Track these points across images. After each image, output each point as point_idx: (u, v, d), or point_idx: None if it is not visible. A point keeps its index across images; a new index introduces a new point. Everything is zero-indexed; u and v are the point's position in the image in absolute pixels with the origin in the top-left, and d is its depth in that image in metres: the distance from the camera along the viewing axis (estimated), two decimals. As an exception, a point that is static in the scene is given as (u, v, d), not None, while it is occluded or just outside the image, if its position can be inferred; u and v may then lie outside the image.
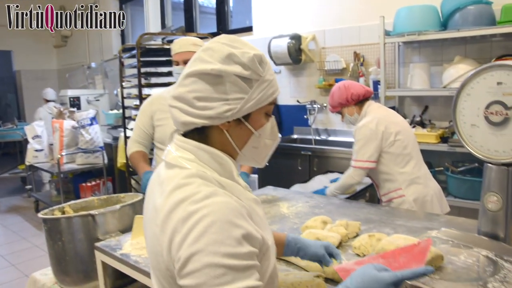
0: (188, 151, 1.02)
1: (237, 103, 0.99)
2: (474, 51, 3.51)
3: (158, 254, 0.96)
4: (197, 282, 0.86)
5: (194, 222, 0.89)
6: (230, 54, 0.99)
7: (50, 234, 2.16)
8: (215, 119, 0.99)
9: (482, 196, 1.25)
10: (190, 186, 0.95)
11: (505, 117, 1.16)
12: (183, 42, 2.50)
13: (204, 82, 0.98)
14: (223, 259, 0.86)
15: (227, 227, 0.88)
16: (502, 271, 1.08)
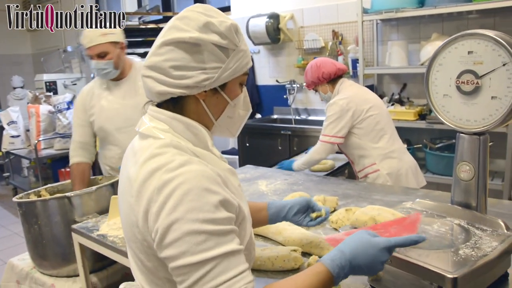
0: (162, 121, 1.00)
1: (214, 72, 0.98)
2: (451, 28, 3.53)
3: (133, 225, 0.95)
4: (180, 251, 0.86)
5: (170, 191, 0.88)
6: (208, 22, 0.97)
7: (26, 218, 2.13)
8: (192, 88, 0.98)
9: (455, 166, 1.26)
10: (164, 155, 0.94)
11: (476, 86, 1.16)
12: (91, 35, 2.35)
13: (181, 51, 0.97)
14: (202, 225, 0.86)
15: (203, 193, 0.88)
16: (473, 238, 1.10)
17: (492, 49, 1.13)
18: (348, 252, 0.96)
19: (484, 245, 1.06)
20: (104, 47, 2.34)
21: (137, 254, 1.00)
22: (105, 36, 2.34)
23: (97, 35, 2.33)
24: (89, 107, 2.51)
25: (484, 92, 1.16)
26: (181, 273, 0.87)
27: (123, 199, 1.02)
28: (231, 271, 0.87)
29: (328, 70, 2.60)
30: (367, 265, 0.96)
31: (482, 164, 1.22)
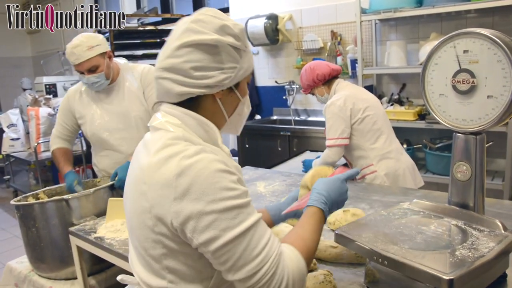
0: (175, 117, 1.05)
1: (231, 71, 1.04)
2: (450, 28, 3.52)
3: (145, 211, 0.99)
4: (220, 229, 0.92)
5: (193, 176, 0.93)
6: (224, 25, 1.04)
7: (24, 220, 2.13)
8: (213, 88, 1.03)
9: (452, 166, 1.25)
10: (177, 145, 0.99)
11: (472, 85, 1.15)
12: (77, 52, 2.25)
13: (201, 52, 1.01)
14: (232, 201, 0.94)
15: (224, 174, 0.95)
16: (470, 239, 1.09)
17: (487, 48, 1.12)
18: (325, 191, 1.16)
19: (481, 246, 1.05)
20: (94, 61, 2.28)
21: (142, 243, 1.02)
22: (92, 50, 2.27)
23: (83, 50, 2.25)
24: (78, 115, 2.50)
25: (480, 91, 1.15)
26: (225, 251, 0.93)
27: (132, 188, 1.05)
28: (266, 235, 0.97)
29: (322, 71, 2.59)
30: (338, 196, 1.18)
31: (479, 164, 1.21)
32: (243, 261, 0.94)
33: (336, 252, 1.43)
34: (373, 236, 1.14)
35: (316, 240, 1.08)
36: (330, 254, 1.43)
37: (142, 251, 1.04)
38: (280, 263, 0.96)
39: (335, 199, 1.16)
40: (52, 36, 8.03)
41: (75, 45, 2.26)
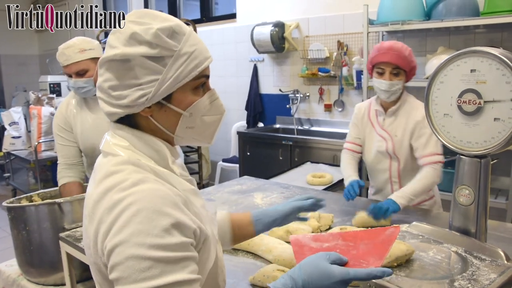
0: (123, 137, 0.94)
1: (151, 86, 0.89)
2: (458, 42, 3.48)
3: (87, 247, 0.91)
4: (121, 276, 0.79)
5: (119, 211, 0.81)
6: (133, 33, 0.88)
7: (15, 223, 2.09)
8: (132, 107, 0.91)
9: (454, 190, 1.19)
10: (120, 173, 0.87)
11: (478, 106, 1.10)
12: (68, 53, 2.17)
13: (113, 70, 0.90)
14: (148, 251, 0.78)
15: (154, 216, 0.80)
16: (471, 268, 1.04)
17: (496, 68, 1.07)
18: (301, 282, 0.90)
19: (481, 277, 1.00)
20: (83, 64, 2.19)
21: (95, 275, 0.94)
22: (84, 53, 2.18)
23: (74, 52, 2.17)
24: (70, 127, 2.38)
25: (486, 113, 1.10)
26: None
27: (84, 218, 0.95)
28: None
29: None
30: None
31: (482, 189, 1.15)
32: None
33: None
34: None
35: None
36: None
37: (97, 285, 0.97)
38: None
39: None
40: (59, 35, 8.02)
41: (67, 46, 2.19)
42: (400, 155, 2.13)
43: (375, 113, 2.22)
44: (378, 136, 2.19)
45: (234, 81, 5.18)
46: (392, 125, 2.15)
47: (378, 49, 2.07)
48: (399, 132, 2.12)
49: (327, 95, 4.38)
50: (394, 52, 2.01)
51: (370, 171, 2.32)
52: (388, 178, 2.21)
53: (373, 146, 2.21)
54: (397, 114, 2.15)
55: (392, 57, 2.01)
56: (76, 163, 2.41)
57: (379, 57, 2.04)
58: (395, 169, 2.18)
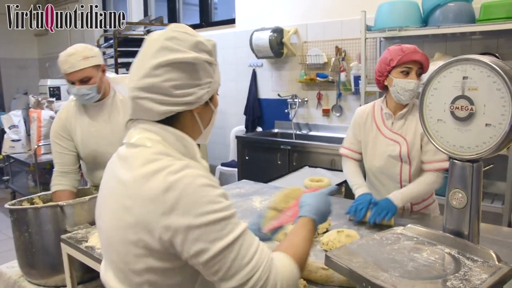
0: (154, 133, 1.06)
1: (208, 86, 1.08)
2: (455, 49, 3.52)
3: (128, 226, 0.99)
4: (209, 241, 0.94)
5: (180, 191, 0.95)
6: (198, 42, 1.06)
7: (17, 225, 2.11)
8: (193, 104, 1.07)
9: (447, 193, 1.23)
10: (161, 160, 1.00)
11: (470, 112, 1.14)
12: (72, 60, 2.17)
13: (180, 70, 1.03)
14: (219, 213, 0.96)
15: (210, 188, 0.98)
16: (463, 269, 1.07)
17: (487, 75, 1.11)
18: (313, 203, 1.23)
19: (473, 277, 1.03)
20: (87, 72, 2.20)
21: (123, 258, 1.03)
22: (87, 60, 2.20)
23: (78, 59, 2.17)
24: (69, 135, 2.38)
25: (478, 118, 1.14)
26: (215, 261, 0.95)
27: (112, 203, 1.06)
28: (254, 243, 1.00)
29: None
30: (326, 208, 1.25)
31: (475, 192, 1.19)
32: (234, 270, 0.96)
33: (327, 274, 1.40)
34: (363, 262, 1.12)
35: (307, 247, 1.13)
36: (320, 276, 1.41)
37: (121, 265, 1.04)
38: (272, 269, 0.99)
39: (323, 211, 1.23)
40: (59, 38, 8.08)
41: (70, 53, 2.19)
42: (412, 158, 2.11)
43: (382, 117, 2.18)
44: (388, 140, 2.14)
45: (233, 86, 5.22)
46: (402, 128, 2.13)
47: (402, 50, 2.04)
48: (410, 135, 2.10)
49: (325, 100, 4.42)
50: (421, 52, 2.04)
51: (375, 175, 2.25)
52: (399, 182, 2.17)
53: (382, 151, 2.16)
54: (407, 118, 2.13)
55: (422, 57, 2.04)
56: (71, 171, 2.42)
57: (409, 56, 2.01)
58: (406, 172, 2.14)
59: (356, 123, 2.25)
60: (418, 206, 2.20)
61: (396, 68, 2.04)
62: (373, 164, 2.21)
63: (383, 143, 2.16)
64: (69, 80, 2.23)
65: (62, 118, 2.39)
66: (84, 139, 2.37)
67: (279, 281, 0.99)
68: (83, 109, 2.38)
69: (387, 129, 2.15)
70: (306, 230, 1.16)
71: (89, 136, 2.37)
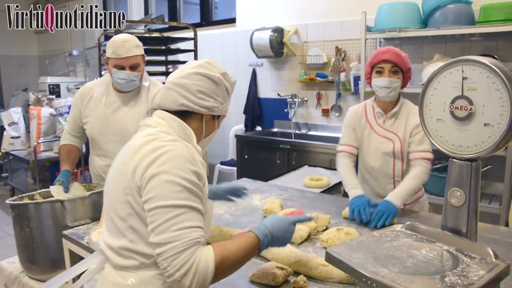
0: (163, 119, 1.31)
1: (220, 104, 1.36)
2: (454, 50, 3.54)
3: (122, 177, 1.22)
4: (159, 194, 1.13)
5: (162, 152, 1.18)
6: (225, 73, 1.37)
7: (18, 220, 2.12)
8: (207, 109, 1.33)
9: (446, 191, 1.25)
10: (159, 134, 1.25)
11: (469, 112, 1.16)
12: (127, 46, 2.29)
13: (208, 82, 1.32)
14: (181, 180, 1.15)
15: (185, 160, 1.19)
16: (461, 265, 1.09)
17: (486, 76, 1.13)
18: (270, 225, 1.30)
19: (471, 273, 1.05)
20: (137, 59, 2.34)
21: (114, 205, 1.25)
22: (139, 48, 2.34)
23: (133, 46, 2.31)
24: (84, 113, 2.50)
25: (477, 118, 1.16)
26: (154, 213, 1.13)
27: (118, 163, 1.29)
28: (193, 222, 1.14)
29: None
30: (282, 234, 1.30)
31: (473, 191, 1.21)
32: (163, 228, 1.11)
33: (326, 271, 1.42)
34: (363, 258, 1.13)
35: (239, 257, 1.19)
36: (320, 273, 1.43)
37: (112, 214, 1.26)
38: (190, 248, 1.11)
39: (277, 236, 1.29)
40: (59, 36, 8.08)
41: (125, 39, 2.31)
42: (405, 154, 2.20)
43: (374, 115, 2.26)
44: (381, 138, 2.22)
45: (233, 85, 5.23)
46: (393, 126, 2.21)
47: (377, 51, 2.19)
48: (401, 132, 2.19)
49: (325, 100, 4.44)
50: (393, 52, 2.14)
51: (368, 172, 2.32)
52: (392, 178, 2.25)
53: (376, 148, 2.24)
54: (397, 116, 2.22)
55: (392, 56, 2.13)
56: (79, 133, 2.59)
57: (379, 56, 2.15)
58: (399, 168, 2.23)
59: (351, 121, 2.31)
60: (410, 199, 2.25)
61: (373, 69, 2.19)
62: (367, 161, 2.29)
63: (377, 140, 2.24)
64: (118, 64, 2.32)
65: (85, 93, 2.53)
66: (86, 119, 2.50)
67: (191, 261, 1.09)
68: (109, 93, 2.47)
69: (380, 127, 2.24)
70: (246, 243, 1.22)
71: (89, 118, 2.48)
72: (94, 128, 2.48)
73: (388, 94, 2.15)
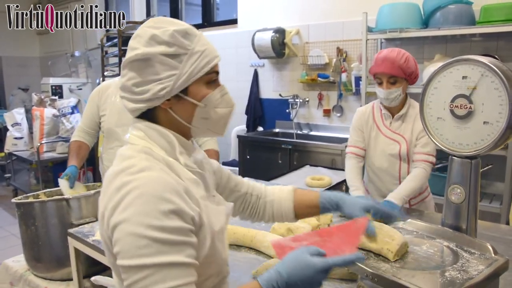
0: (140, 129, 1.06)
1: (169, 80, 1.00)
2: (455, 50, 3.56)
3: (99, 220, 1.00)
4: (121, 250, 0.89)
5: (125, 192, 0.91)
6: (152, 35, 1.00)
7: (24, 219, 2.15)
8: (153, 101, 1.02)
9: (446, 189, 1.27)
10: (132, 159, 0.99)
11: (469, 110, 1.19)
12: None
13: (135, 69, 1.02)
14: (146, 230, 0.87)
15: (154, 200, 0.90)
16: (461, 261, 1.11)
17: (485, 75, 1.15)
18: (285, 274, 0.95)
19: (470, 268, 1.07)
20: None
21: (104, 248, 1.04)
22: None
23: None
24: (102, 110, 2.55)
25: (476, 117, 1.18)
26: (122, 271, 0.89)
27: None
28: (168, 283, 0.87)
29: None
30: (305, 286, 0.95)
31: (473, 188, 1.23)
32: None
33: (329, 267, 1.44)
34: (365, 253, 1.16)
35: None
36: (323, 269, 1.45)
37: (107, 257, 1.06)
38: None
39: (299, 285, 0.95)
40: (61, 37, 8.12)
41: None
42: (411, 156, 2.21)
43: (381, 117, 2.27)
44: (388, 139, 2.23)
45: (234, 85, 5.26)
46: (400, 128, 2.22)
47: (375, 61, 2.16)
48: (408, 134, 2.20)
49: (326, 101, 4.46)
50: (388, 63, 2.08)
51: (375, 173, 2.34)
52: (398, 179, 2.26)
53: (382, 149, 2.25)
54: (404, 119, 2.22)
55: (386, 68, 2.08)
56: (92, 130, 2.62)
57: (374, 69, 2.14)
58: (405, 171, 2.23)
59: (359, 121, 2.33)
60: (415, 200, 2.28)
61: (374, 76, 2.19)
62: (373, 162, 2.31)
63: (383, 142, 2.24)
64: None
65: (102, 89, 2.59)
66: (103, 112, 2.54)
67: None
68: None
69: (387, 128, 2.24)
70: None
71: (106, 111, 2.52)
72: (111, 119, 2.51)
73: (390, 103, 2.17)
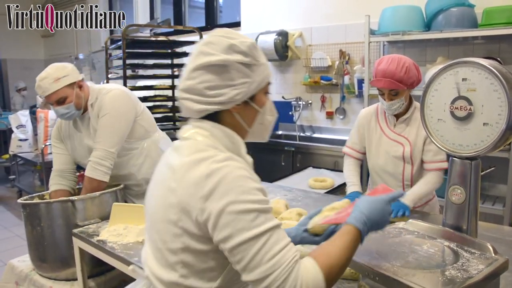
0: (204, 129, 1.14)
1: (243, 87, 1.11)
2: (457, 53, 3.57)
3: (171, 206, 1.08)
4: (236, 229, 0.99)
5: (220, 178, 1.02)
6: (231, 44, 1.10)
7: (29, 219, 2.17)
8: (227, 104, 1.12)
9: (447, 189, 1.29)
10: (208, 151, 1.08)
11: (469, 112, 1.20)
12: (43, 85, 2.21)
13: (212, 73, 1.10)
14: (253, 204, 1.01)
15: (248, 180, 1.04)
16: (461, 260, 1.13)
17: (485, 77, 1.17)
18: (366, 211, 1.12)
19: (470, 268, 1.09)
20: (61, 92, 2.24)
21: (162, 236, 1.11)
22: (59, 82, 2.22)
23: (49, 82, 2.21)
24: (63, 142, 2.50)
25: (476, 118, 1.20)
26: (239, 250, 1.00)
27: (160, 186, 1.15)
28: (282, 241, 1.01)
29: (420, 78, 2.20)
30: (380, 218, 1.13)
31: (473, 188, 1.25)
32: (255, 263, 0.99)
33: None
34: (367, 253, 1.18)
35: (344, 259, 1.05)
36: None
37: (160, 244, 1.12)
38: (293, 271, 0.98)
39: (376, 220, 1.13)
40: (65, 40, 8.18)
41: (42, 77, 2.23)
42: (414, 159, 2.20)
43: (385, 118, 2.27)
44: (392, 141, 2.23)
45: (237, 88, 5.28)
46: (405, 131, 2.22)
47: (375, 73, 2.12)
48: (412, 137, 2.19)
49: (329, 103, 4.48)
50: (387, 79, 2.06)
51: (378, 174, 2.34)
52: (401, 181, 2.27)
53: (386, 151, 2.25)
54: (409, 122, 2.22)
55: (386, 84, 2.07)
56: (67, 170, 2.51)
57: (375, 83, 2.12)
58: (409, 172, 2.23)
59: (361, 123, 2.34)
60: (420, 202, 2.27)
61: None
62: (377, 163, 2.31)
63: (387, 144, 2.24)
64: (47, 102, 2.29)
65: (58, 126, 2.51)
66: (72, 149, 2.48)
67: (299, 285, 0.98)
68: (71, 122, 2.46)
69: (391, 130, 2.25)
70: (346, 239, 1.07)
71: (74, 149, 2.47)
72: (75, 156, 2.48)
73: (393, 112, 2.18)
